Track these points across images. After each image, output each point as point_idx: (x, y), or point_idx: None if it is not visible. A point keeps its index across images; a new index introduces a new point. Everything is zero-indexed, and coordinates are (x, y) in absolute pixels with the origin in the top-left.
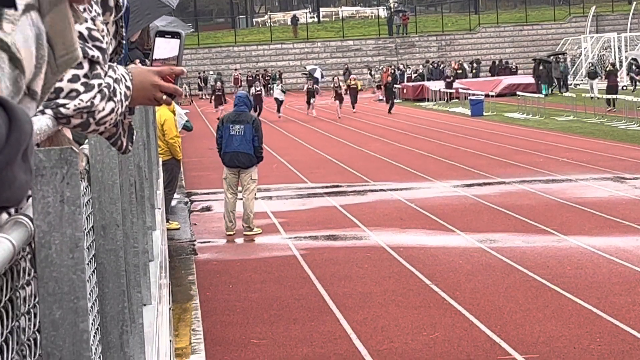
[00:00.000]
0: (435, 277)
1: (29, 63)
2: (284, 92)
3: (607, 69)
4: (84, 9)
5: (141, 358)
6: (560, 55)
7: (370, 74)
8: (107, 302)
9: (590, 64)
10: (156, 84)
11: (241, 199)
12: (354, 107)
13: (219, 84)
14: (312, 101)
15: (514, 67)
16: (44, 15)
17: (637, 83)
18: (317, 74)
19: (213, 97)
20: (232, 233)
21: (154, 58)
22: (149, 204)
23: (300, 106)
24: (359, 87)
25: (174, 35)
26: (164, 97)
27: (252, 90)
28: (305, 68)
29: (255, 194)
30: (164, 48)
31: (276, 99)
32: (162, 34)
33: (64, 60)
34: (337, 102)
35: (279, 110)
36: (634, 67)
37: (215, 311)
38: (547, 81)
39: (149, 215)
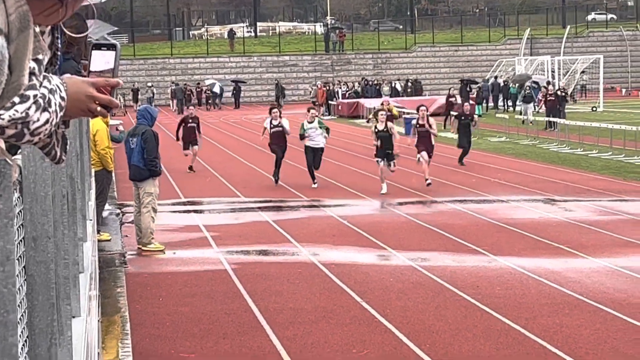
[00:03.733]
0: (366, 294)
1: None
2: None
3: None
4: None
5: None
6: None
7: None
8: (36, 315)
9: (527, 87)
10: (91, 95)
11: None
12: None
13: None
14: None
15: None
16: (10, 41)
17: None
18: (216, 89)
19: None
20: (141, 247)
21: (90, 70)
22: (81, 215)
23: (235, 120)
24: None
25: (110, 47)
26: (99, 108)
27: (187, 112)
28: (204, 82)
29: (152, 208)
30: (100, 60)
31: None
32: (98, 46)
33: (14, 86)
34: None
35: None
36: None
37: (144, 324)
38: (480, 102)
39: (80, 226)
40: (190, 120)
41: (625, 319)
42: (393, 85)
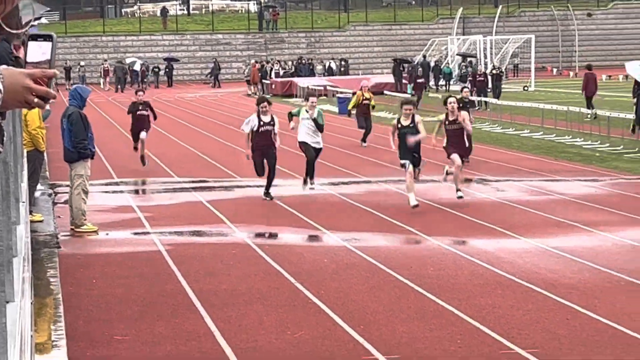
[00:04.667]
0: (301, 275)
1: None
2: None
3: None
4: None
5: (3, 356)
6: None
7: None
8: None
9: (463, 67)
10: (28, 86)
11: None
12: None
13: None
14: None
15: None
16: None
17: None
18: (137, 67)
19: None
20: (74, 228)
21: (26, 61)
22: (14, 199)
23: (168, 98)
24: None
25: (46, 38)
26: (36, 100)
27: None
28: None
29: (83, 190)
30: (36, 51)
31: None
32: (34, 37)
33: None
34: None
35: None
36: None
37: (77, 306)
38: (412, 81)
39: (14, 209)
40: (140, 107)
41: (556, 299)
42: (327, 64)
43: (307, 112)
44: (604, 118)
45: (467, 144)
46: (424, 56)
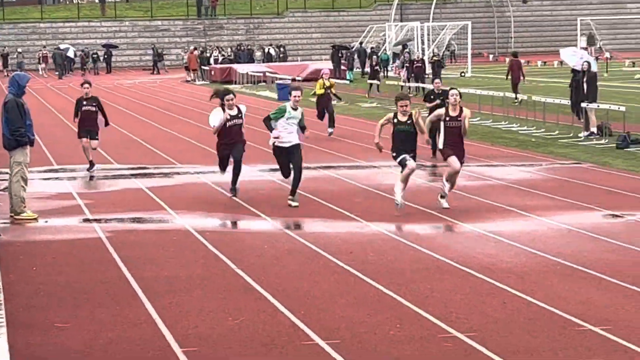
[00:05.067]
0: (241, 261)
1: None
2: None
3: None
4: None
5: None
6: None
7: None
8: None
9: (406, 53)
10: None
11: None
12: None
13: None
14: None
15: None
16: None
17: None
18: (70, 53)
19: None
20: (13, 215)
21: None
22: None
23: (107, 85)
24: None
25: None
26: None
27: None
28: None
29: (22, 177)
30: None
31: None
32: None
33: None
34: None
35: None
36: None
37: (18, 294)
38: (351, 68)
39: None
40: (85, 102)
41: (493, 283)
42: (267, 50)
43: (293, 109)
44: (539, 104)
45: (463, 146)
46: (360, 43)
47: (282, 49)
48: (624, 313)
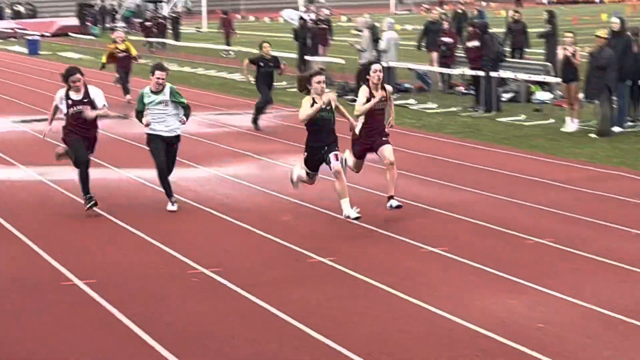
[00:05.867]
0: (1, 209)
1: None
2: None
3: None
4: None
5: None
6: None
7: None
8: None
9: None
10: None
11: None
12: None
13: None
14: None
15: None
16: None
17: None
18: None
19: None
20: None
21: None
22: None
23: None
24: None
25: None
26: None
27: None
28: None
29: None
30: None
31: None
32: None
33: None
34: None
35: None
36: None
37: None
38: (96, 23)
39: None
40: None
41: (234, 222)
42: (16, 8)
43: (153, 93)
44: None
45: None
46: (102, 0)
47: (30, 6)
48: (347, 246)
